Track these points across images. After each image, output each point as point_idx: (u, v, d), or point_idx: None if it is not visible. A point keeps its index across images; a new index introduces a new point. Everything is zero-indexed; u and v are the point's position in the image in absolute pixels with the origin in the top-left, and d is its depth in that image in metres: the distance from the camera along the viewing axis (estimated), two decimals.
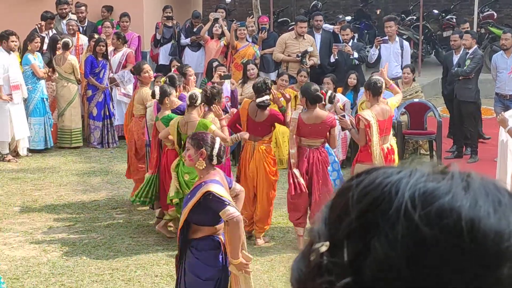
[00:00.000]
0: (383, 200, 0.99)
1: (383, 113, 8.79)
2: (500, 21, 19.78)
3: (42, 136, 12.96)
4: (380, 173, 1.04)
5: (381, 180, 1.02)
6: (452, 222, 0.96)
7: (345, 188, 1.05)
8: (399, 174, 1.02)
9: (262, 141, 8.79)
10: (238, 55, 14.13)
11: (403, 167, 1.04)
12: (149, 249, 8.60)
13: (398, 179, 1.01)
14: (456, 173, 1.02)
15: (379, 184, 1.01)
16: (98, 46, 13.18)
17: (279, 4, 22.66)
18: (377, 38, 13.72)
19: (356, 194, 1.02)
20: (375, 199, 1.00)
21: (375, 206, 0.99)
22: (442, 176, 1.02)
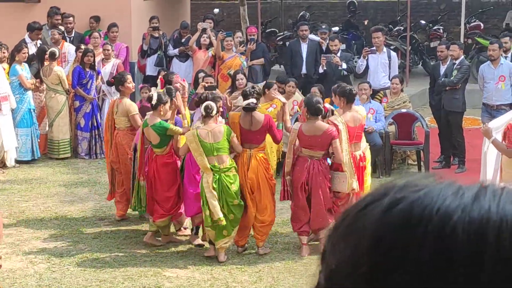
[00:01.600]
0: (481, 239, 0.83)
1: (354, 120, 8.99)
2: (487, 32, 19.89)
3: (29, 147, 12.91)
4: (436, 196, 0.87)
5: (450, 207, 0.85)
6: None
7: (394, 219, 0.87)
8: (480, 202, 0.86)
9: (257, 149, 8.80)
10: (225, 66, 14.13)
11: (455, 186, 0.88)
12: (136, 260, 8.57)
13: (485, 208, 0.84)
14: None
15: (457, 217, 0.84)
16: (86, 57, 13.15)
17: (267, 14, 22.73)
18: (364, 49, 13.77)
19: (431, 228, 0.84)
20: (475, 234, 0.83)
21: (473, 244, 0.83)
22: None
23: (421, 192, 0.88)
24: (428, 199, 0.86)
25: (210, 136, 8.39)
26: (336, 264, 0.90)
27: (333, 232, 0.93)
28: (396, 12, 22.18)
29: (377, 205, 0.89)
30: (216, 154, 8.40)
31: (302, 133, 8.56)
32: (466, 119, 13.81)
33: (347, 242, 0.89)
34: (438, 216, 0.85)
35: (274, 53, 19.40)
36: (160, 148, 8.89)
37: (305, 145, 8.59)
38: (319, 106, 8.57)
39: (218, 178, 8.37)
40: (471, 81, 13.42)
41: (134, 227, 9.76)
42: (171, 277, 8.10)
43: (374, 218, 0.87)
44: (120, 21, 15.59)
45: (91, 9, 15.84)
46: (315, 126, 8.55)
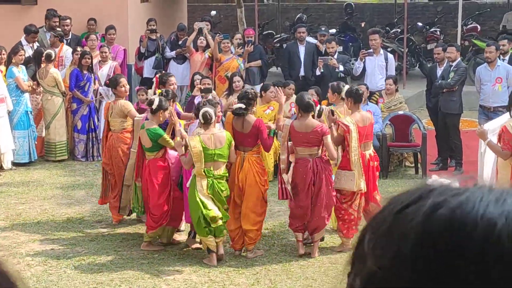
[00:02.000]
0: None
1: (363, 119, 9.05)
2: (484, 34, 19.91)
3: (26, 149, 12.89)
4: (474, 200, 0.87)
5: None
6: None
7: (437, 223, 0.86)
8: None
9: (252, 152, 8.79)
10: (222, 68, 14.13)
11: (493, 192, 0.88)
12: (133, 263, 8.55)
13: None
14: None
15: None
16: (83, 59, 13.14)
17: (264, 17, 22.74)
18: (361, 51, 13.78)
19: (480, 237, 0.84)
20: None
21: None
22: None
23: (463, 196, 0.88)
24: (471, 204, 0.86)
25: (212, 141, 8.38)
26: (377, 267, 0.89)
27: (371, 234, 0.92)
28: (393, 14, 22.20)
29: (416, 208, 0.89)
30: (215, 160, 8.39)
31: (294, 130, 8.57)
32: (463, 121, 13.82)
33: (389, 246, 0.88)
34: (482, 223, 0.84)
35: (271, 55, 19.41)
36: (152, 152, 8.88)
37: (298, 143, 8.58)
38: (309, 102, 8.58)
39: (212, 183, 8.37)
40: (468, 83, 13.43)
41: (131, 229, 9.74)
42: (168, 279, 8.09)
43: (416, 222, 0.87)
44: (117, 23, 15.58)
45: (88, 11, 15.83)
46: (306, 123, 8.58)
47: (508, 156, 8.28)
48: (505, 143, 8.26)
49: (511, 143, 8.22)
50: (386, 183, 11.60)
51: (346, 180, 8.83)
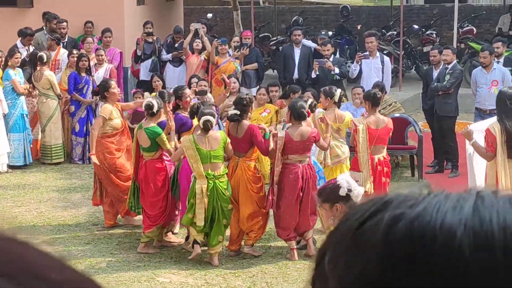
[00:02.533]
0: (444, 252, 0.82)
1: (376, 123, 9.22)
2: (480, 36, 19.94)
3: (21, 152, 12.88)
4: (430, 209, 0.85)
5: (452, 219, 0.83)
6: None
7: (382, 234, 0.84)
8: (462, 210, 0.84)
9: (245, 158, 8.78)
10: (219, 71, 14.12)
11: (450, 197, 0.86)
12: (130, 266, 8.55)
13: (488, 218, 0.83)
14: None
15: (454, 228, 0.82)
16: (81, 62, 13.12)
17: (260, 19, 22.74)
18: (358, 54, 13.77)
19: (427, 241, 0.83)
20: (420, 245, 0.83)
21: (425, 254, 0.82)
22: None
23: (420, 207, 0.86)
24: (428, 215, 0.84)
25: (207, 143, 8.39)
26: (341, 284, 0.87)
27: (330, 253, 0.89)
28: (389, 17, 22.23)
29: (374, 223, 0.86)
30: (211, 161, 8.40)
31: (291, 139, 8.53)
32: (459, 124, 13.81)
33: (352, 265, 0.85)
34: (442, 233, 0.83)
35: (268, 58, 19.41)
36: (149, 152, 8.89)
37: (293, 150, 8.57)
38: (302, 111, 8.59)
39: (213, 185, 8.38)
40: (464, 86, 13.44)
41: (127, 232, 9.74)
42: (165, 282, 8.09)
43: (376, 238, 0.84)
44: (114, 26, 15.58)
45: (84, 14, 15.83)
46: (301, 131, 8.58)
47: (491, 158, 8.38)
48: (489, 145, 8.36)
49: (494, 145, 8.31)
50: None
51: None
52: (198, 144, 8.37)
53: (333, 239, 0.90)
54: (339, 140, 9.80)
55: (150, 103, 8.89)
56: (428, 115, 12.96)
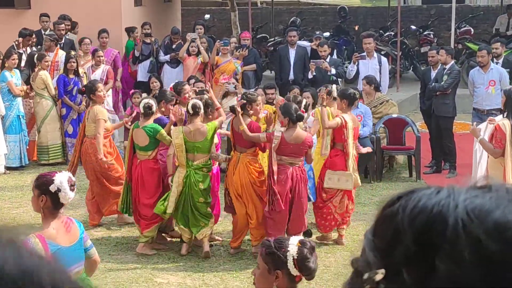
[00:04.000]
0: (437, 221, 1.02)
1: (354, 121, 9.31)
2: (477, 37, 19.96)
3: (17, 153, 12.86)
4: (420, 195, 1.07)
5: (425, 201, 1.04)
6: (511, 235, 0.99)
7: (389, 215, 1.08)
8: (439, 194, 1.05)
9: (246, 154, 8.79)
10: (218, 70, 14.11)
11: (437, 188, 1.07)
12: (127, 266, 8.54)
13: (441, 199, 1.04)
14: (497, 186, 1.05)
15: (426, 206, 1.04)
16: (68, 63, 13.08)
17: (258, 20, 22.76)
18: (355, 54, 13.77)
19: (405, 218, 1.04)
20: (427, 220, 1.02)
21: (429, 227, 1.02)
22: (483, 191, 1.05)
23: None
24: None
25: (192, 135, 8.44)
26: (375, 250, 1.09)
27: (370, 228, 1.12)
28: (386, 18, 22.24)
29: (400, 205, 1.08)
30: (195, 152, 8.48)
31: (285, 141, 8.50)
32: (457, 124, 13.84)
33: (386, 230, 1.08)
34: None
35: (265, 58, 19.42)
36: (146, 152, 8.90)
37: (285, 152, 8.54)
38: (300, 114, 8.56)
39: (188, 174, 8.42)
40: (462, 86, 13.45)
41: (125, 234, 9.73)
42: (162, 283, 8.08)
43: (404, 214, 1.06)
44: (111, 27, 15.57)
45: (81, 15, 15.82)
46: (296, 134, 8.54)
47: (499, 155, 8.33)
48: (497, 141, 8.31)
49: (503, 142, 8.26)
50: (380, 186, 11.61)
51: (342, 181, 9.03)
52: (185, 134, 8.45)
53: (374, 219, 1.11)
54: None
55: (148, 104, 8.91)
56: (426, 116, 12.96)
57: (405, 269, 1.01)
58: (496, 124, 8.47)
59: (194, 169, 8.51)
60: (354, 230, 9.66)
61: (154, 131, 8.80)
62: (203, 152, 8.55)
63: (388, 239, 1.05)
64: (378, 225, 1.09)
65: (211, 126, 8.57)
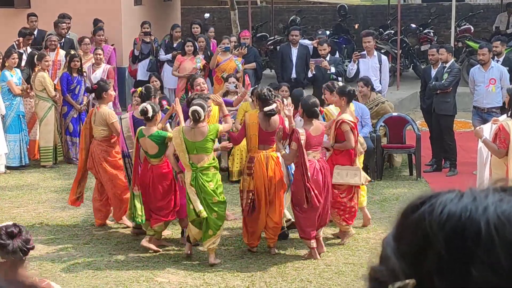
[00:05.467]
0: (468, 226, 0.99)
1: (353, 117, 9.35)
2: (477, 35, 19.95)
3: (18, 153, 12.85)
4: (444, 200, 1.04)
5: (451, 207, 1.02)
6: None
7: (414, 221, 1.05)
8: (463, 198, 1.03)
9: (272, 149, 8.82)
10: (219, 69, 14.11)
11: (459, 192, 1.06)
12: (129, 266, 8.54)
13: (467, 204, 1.02)
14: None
15: (453, 211, 1.02)
16: (72, 62, 13.08)
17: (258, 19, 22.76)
18: (355, 53, 13.76)
19: (434, 224, 1.02)
20: (458, 226, 1.00)
21: (461, 233, 0.99)
22: (506, 193, 1.03)
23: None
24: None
25: (192, 135, 8.43)
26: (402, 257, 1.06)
27: (392, 234, 1.10)
28: (386, 16, 22.23)
29: (426, 210, 1.06)
30: (196, 153, 8.43)
31: (310, 135, 8.56)
32: (457, 122, 13.84)
33: (411, 238, 1.05)
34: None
35: (265, 57, 19.41)
36: (157, 158, 8.89)
37: (311, 145, 8.58)
38: (315, 110, 8.66)
39: (195, 176, 8.40)
40: (462, 84, 13.45)
41: (126, 233, 9.73)
42: (163, 282, 8.08)
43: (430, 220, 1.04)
44: (111, 26, 15.57)
45: (81, 14, 15.81)
46: (316, 126, 8.67)
47: (503, 154, 8.30)
48: (501, 142, 8.27)
49: (507, 142, 8.23)
50: (380, 185, 11.61)
51: (350, 175, 9.05)
52: (185, 135, 8.42)
53: (394, 225, 1.08)
54: None
55: (144, 108, 8.84)
56: (426, 114, 12.95)
57: (437, 277, 0.99)
58: (500, 124, 8.44)
59: (200, 171, 8.46)
60: (355, 229, 9.66)
61: (161, 138, 8.78)
62: (205, 152, 8.51)
63: (417, 246, 1.02)
64: (403, 231, 1.06)
65: (213, 128, 8.54)
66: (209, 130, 8.47)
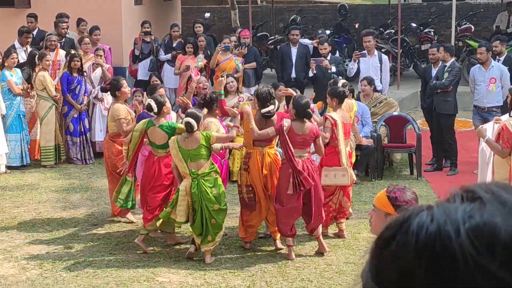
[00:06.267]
0: (445, 255, 0.99)
1: (344, 117, 9.43)
2: (478, 34, 19.95)
3: (18, 153, 12.84)
4: (415, 227, 1.03)
5: (425, 233, 1.01)
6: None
7: (391, 255, 1.03)
8: (433, 221, 1.02)
9: (269, 146, 8.84)
10: (219, 68, 14.10)
11: (428, 212, 1.04)
12: (129, 265, 8.54)
13: (439, 227, 1.01)
14: (487, 197, 1.03)
15: (427, 241, 1.01)
16: (72, 62, 13.07)
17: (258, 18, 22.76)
18: (355, 52, 13.76)
19: (411, 258, 1.01)
20: (434, 257, 0.99)
21: (439, 264, 0.99)
22: (476, 205, 1.02)
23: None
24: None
25: (187, 143, 8.44)
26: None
27: (370, 263, 1.08)
28: (386, 15, 22.24)
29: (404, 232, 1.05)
30: (193, 160, 8.43)
31: (293, 132, 8.56)
32: (458, 122, 13.84)
33: (391, 266, 1.04)
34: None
35: (266, 57, 19.41)
36: (164, 149, 8.92)
37: (296, 144, 8.58)
38: (308, 111, 8.63)
39: (197, 183, 8.41)
40: (462, 84, 13.45)
41: (126, 232, 9.73)
42: (164, 282, 8.08)
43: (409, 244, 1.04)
44: (111, 26, 15.57)
45: (81, 14, 15.80)
46: (303, 126, 8.63)
47: (506, 154, 8.28)
48: (505, 142, 8.25)
49: (510, 142, 8.21)
50: (381, 184, 11.60)
51: (338, 176, 9.13)
52: (180, 144, 8.44)
53: (370, 261, 1.08)
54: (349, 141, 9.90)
55: (148, 105, 8.98)
56: (426, 113, 12.96)
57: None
58: (503, 124, 8.42)
59: (201, 177, 8.46)
60: (356, 228, 9.66)
61: (172, 128, 8.82)
62: (202, 158, 8.50)
63: (397, 284, 1.02)
64: (381, 268, 1.05)
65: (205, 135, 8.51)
66: (202, 136, 8.48)
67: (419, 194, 11.13)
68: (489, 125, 9.13)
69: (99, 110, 13.65)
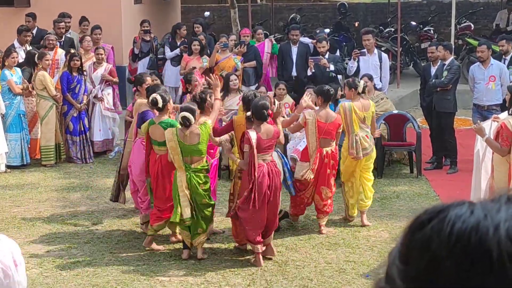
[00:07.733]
0: (478, 251, 0.97)
1: (326, 117, 9.45)
2: (477, 32, 19.96)
3: (19, 152, 12.84)
4: (453, 217, 1.01)
5: (461, 226, 1.00)
6: None
7: (421, 240, 1.02)
8: (473, 215, 1.01)
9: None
10: (218, 67, 14.10)
11: (469, 206, 1.02)
12: (129, 264, 8.54)
13: (478, 222, 0.99)
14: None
15: (462, 231, 0.99)
16: (72, 61, 13.07)
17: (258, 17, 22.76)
18: (354, 51, 13.76)
19: (442, 246, 0.99)
20: (467, 251, 0.98)
21: (470, 258, 0.97)
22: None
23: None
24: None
25: (187, 138, 8.44)
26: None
27: (399, 252, 1.07)
28: (386, 14, 22.23)
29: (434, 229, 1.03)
30: (191, 155, 8.46)
31: (261, 138, 8.40)
32: (458, 120, 13.84)
33: (420, 257, 1.02)
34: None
35: None
36: (164, 147, 8.91)
37: (262, 149, 8.43)
38: (264, 112, 8.42)
39: (189, 177, 8.43)
40: (462, 82, 13.45)
41: (126, 231, 9.74)
42: (164, 281, 8.08)
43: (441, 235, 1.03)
44: (111, 24, 15.57)
45: (81, 13, 15.81)
46: (267, 129, 8.48)
47: (506, 153, 8.26)
48: (504, 140, 8.23)
49: (509, 140, 8.20)
50: (381, 183, 11.61)
51: (301, 170, 9.40)
52: (179, 137, 8.45)
53: (400, 242, 1.06)
54: (365, 130, 9.89)
55: (154, 99, 8.88)
56: (426, 112, 12.96)
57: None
58: (502, 122, 8.39)
59: (193, 171, 8.51)
60: (356, 227, 9.67)
61: (171, 126, 8.81)
62: (199, 154, 8.54)
63: (424, 271, 1.00)
64: (409, 252, 1.03)
65: (204, 130, 8.52)
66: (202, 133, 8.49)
67: (419, 192, 11.20)
68: (487, 123, 9.11)
69: (99, 109, 13.66)
